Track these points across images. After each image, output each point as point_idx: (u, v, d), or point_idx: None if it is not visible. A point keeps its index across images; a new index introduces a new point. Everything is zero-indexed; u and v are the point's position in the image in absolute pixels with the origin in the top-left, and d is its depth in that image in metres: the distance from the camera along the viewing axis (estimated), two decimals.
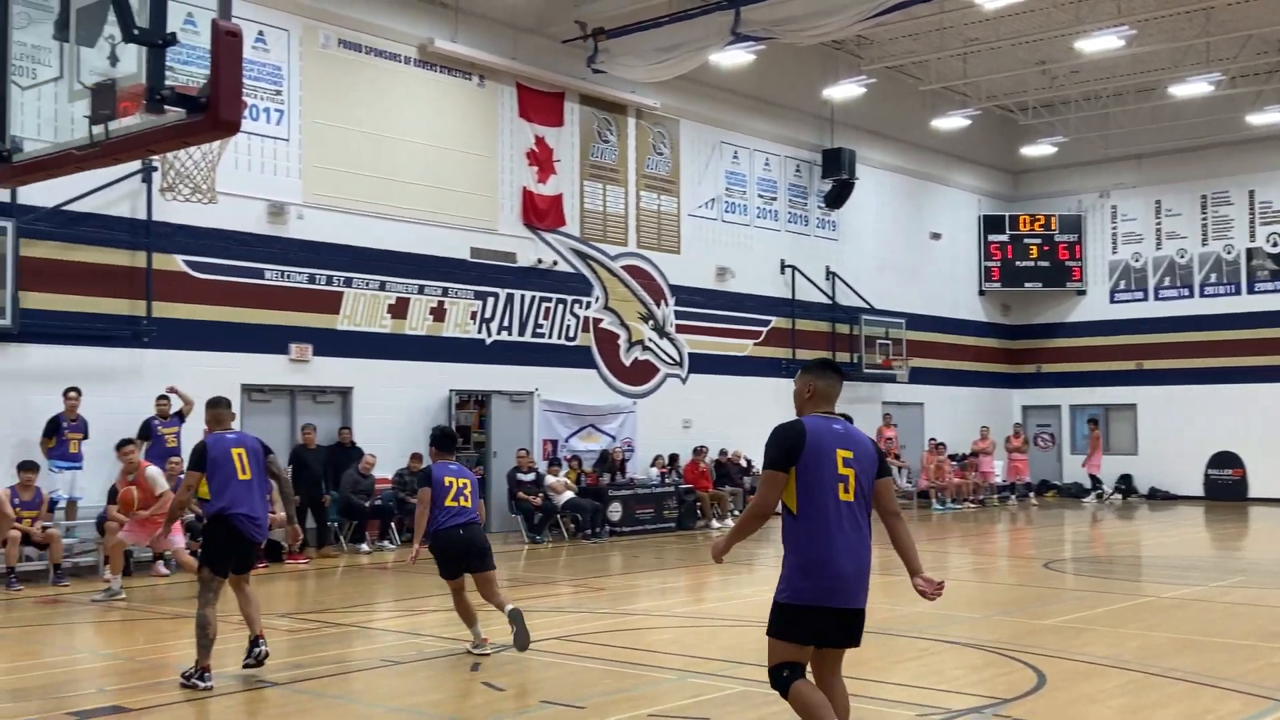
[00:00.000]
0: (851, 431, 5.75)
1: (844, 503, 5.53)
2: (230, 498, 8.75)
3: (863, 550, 5.60)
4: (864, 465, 5.62)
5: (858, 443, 5.69)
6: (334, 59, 18.86)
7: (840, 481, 5.53)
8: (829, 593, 5.51)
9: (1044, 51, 26.22)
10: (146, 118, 5.34)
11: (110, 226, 16.31)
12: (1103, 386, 31.76)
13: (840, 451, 5.57)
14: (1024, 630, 10.80)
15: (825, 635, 5.59)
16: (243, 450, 8.89)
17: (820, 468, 5.52)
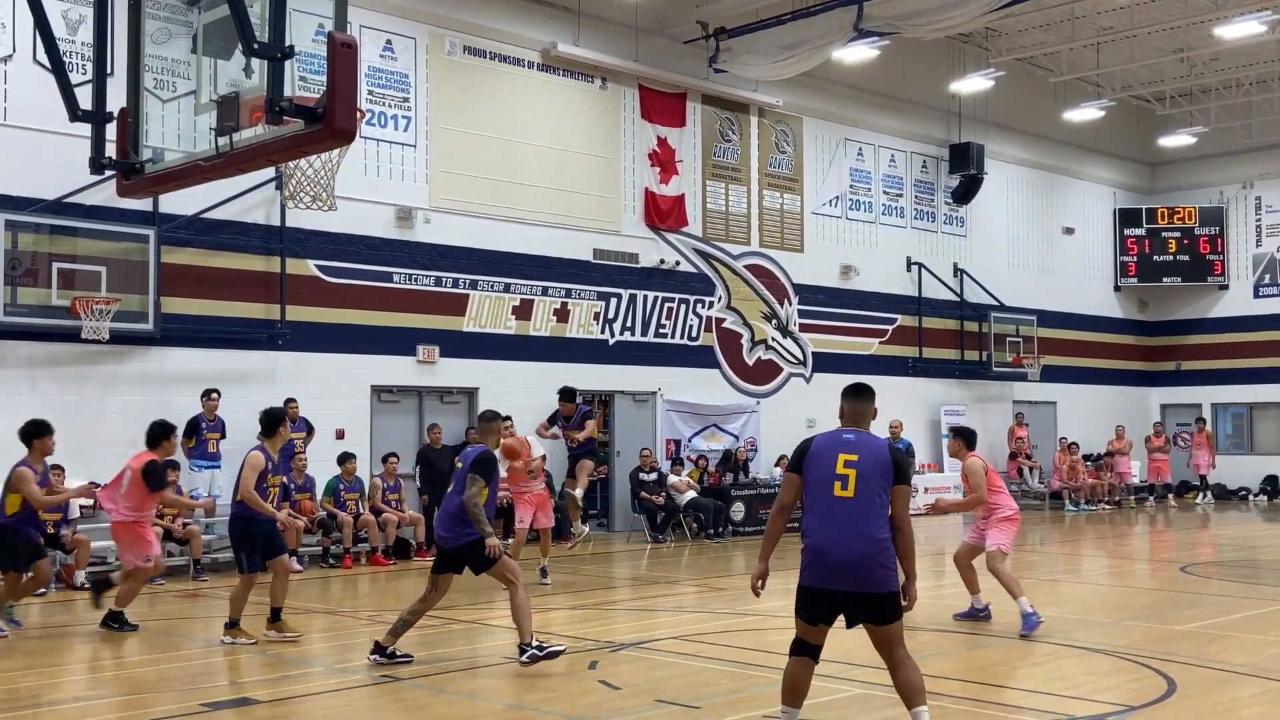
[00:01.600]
0: (863, 439, 6.47)
1: (839, 498, 6.32)
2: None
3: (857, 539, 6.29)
4: (867, 467, 6.29)
5: (867, 448, 6.40)
6: (459, 65, 19.22)
7: (838, 480, 6.30)
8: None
9: (1181, 39, 25.31)
10: (267, 129, 5.53)
11: (246, 233, 16.90)
12: (1246, 384, 30.50)
13: (843, 455, 6.35)
14: (1156, 636, 10.45)
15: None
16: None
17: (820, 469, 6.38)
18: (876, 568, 6.21)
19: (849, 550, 6.20)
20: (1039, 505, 27.00)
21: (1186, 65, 27.19)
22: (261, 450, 10.51)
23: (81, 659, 10.26)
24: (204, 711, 7.85)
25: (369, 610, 12.56)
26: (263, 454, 10.47)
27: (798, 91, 23.81)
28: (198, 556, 14.81)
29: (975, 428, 29.46)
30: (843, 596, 6.26)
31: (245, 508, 10.30)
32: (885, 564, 6.25)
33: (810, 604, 6.35)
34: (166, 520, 14.69)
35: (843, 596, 6.26)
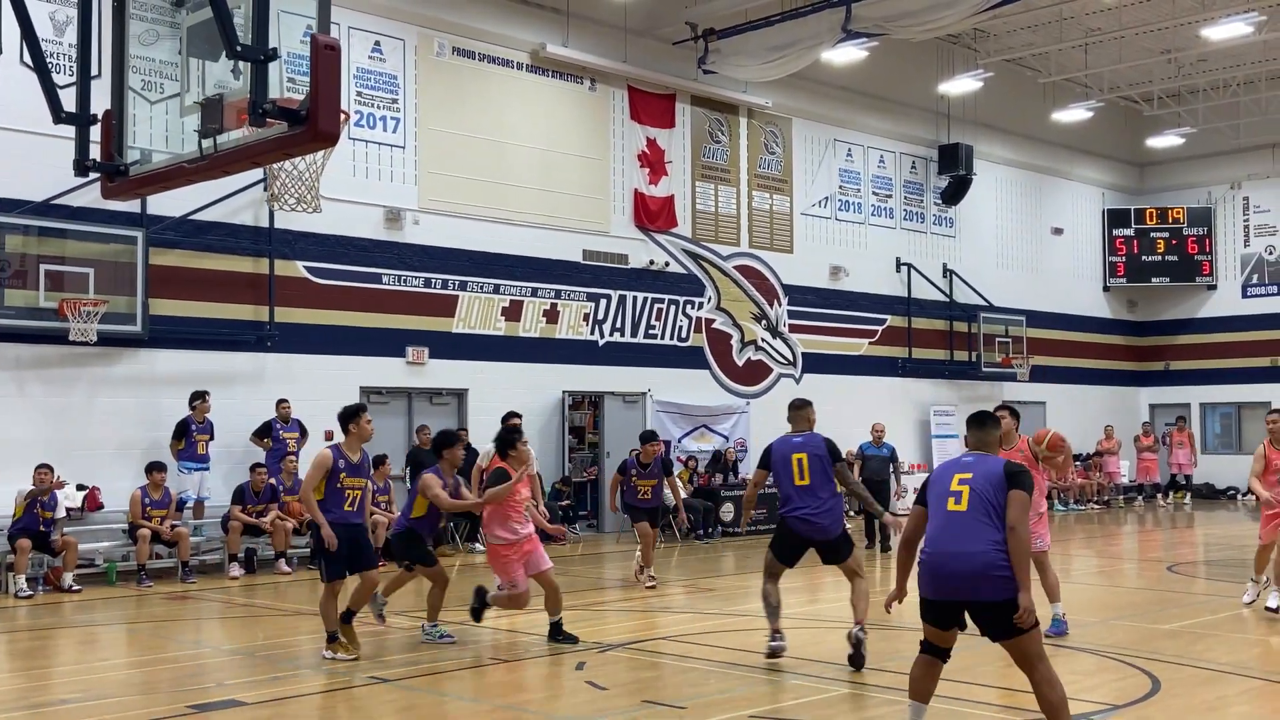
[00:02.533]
0: (980, 459, 6.62)
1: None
2: (783, 498, 9.43)
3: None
4: (980, 483, 6.41)
5: (981, 464, 6.57)
6: (448, 66, 19.23)
7: (951, 496, 6.49)
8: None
9: (1169, 40, 25.40)
10: (251, 131, 5.53)
11: (235, 234, 16.89)
12: (1235, 384, 30.62)
13: (958, 474, 6.55)
14: (1142, 635, 10.50)
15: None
16: (803, 455, 9.28)
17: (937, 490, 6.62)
18: (991, 578, 6.21)
19: (968, 562, 6.26)
20: None
21: (1174, 66, 27.28)
22: (334, 449, 9.82)
23: (68, 661, 10.25)
24: (191, 714, 7.85)
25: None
26: (333, 453, 9.75)
27: (787, 92, 23.85)
28: (186, 558, 14.79)
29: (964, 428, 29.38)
30: (965, 606, 6.37)
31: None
32: (1002, 573, 6.21)
33: (930, 612, 6.49)
34: (154, 522, 14.68)
35: (965, 606, 6.37)
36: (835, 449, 9.33)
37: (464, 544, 18.27)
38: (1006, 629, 6.21)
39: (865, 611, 9.16)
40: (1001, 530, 6.23)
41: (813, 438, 9.41)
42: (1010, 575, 6.16)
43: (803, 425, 9.58)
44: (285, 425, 16.49)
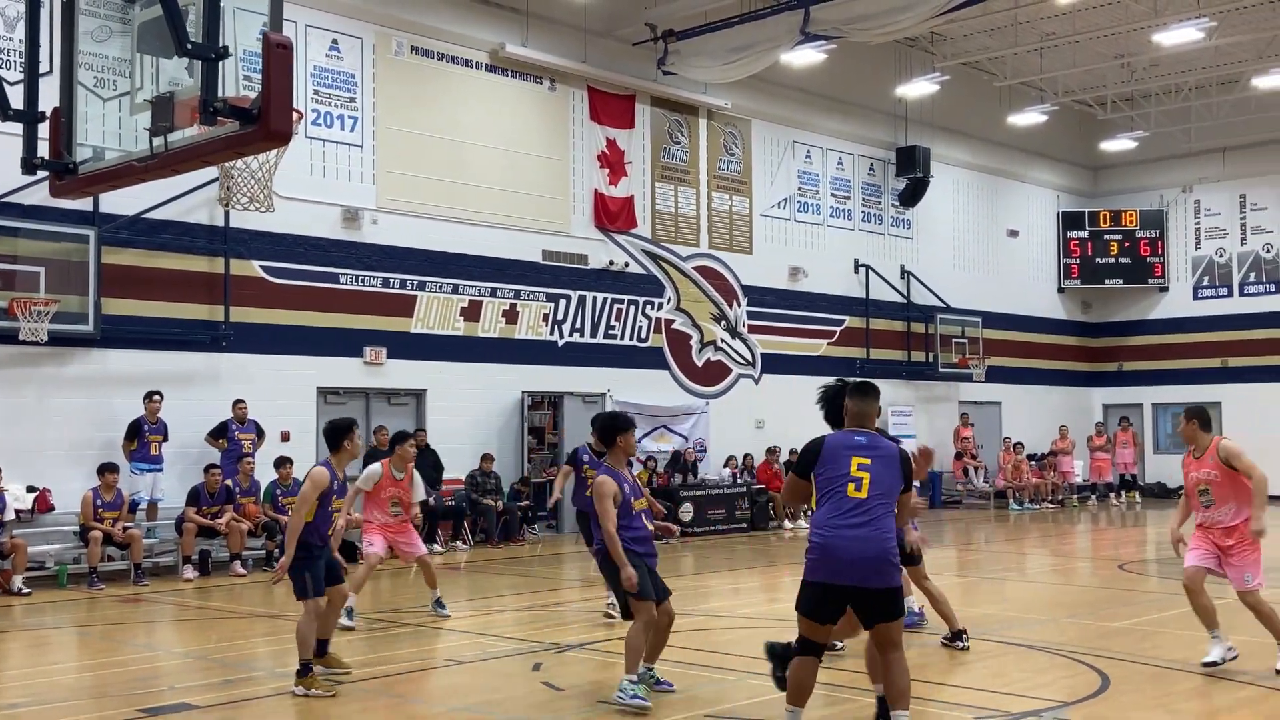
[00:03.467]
0: (875, 441, 6.70)
1: (853, 499, 6.78)
2: None
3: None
4: (881, 471, 6.58)
5: (881, 450, 6.68)
6: (407, 65, 19.14)
7: (852, 481, 6.57)
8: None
9: (1122, 45, 25.72)
10: (203, 129, 5.49)
11: (189, 233, 16.73)
12: (1186, 384, 31.00)
13: (856, 458, 6.62)
14: (1093, 633, 10.62)
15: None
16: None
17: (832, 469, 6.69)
18: (886, 564, 6.45)
19: (865, 548, 6.41)
20: (984, 505, 27.31)
21: (1127, 71, 27.62)
22: (328, 467, 9.12)
23: (17, 665, 10.11)
24: (142, 717, 7.76)
25: None
26: (329, 472, 9.06)
27: (746, 94, 23.93)
28: (139, 561, 14.63)
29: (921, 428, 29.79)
30: (850, 592, 6.47)
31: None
32: (894, 560, 6.50)
33: (818, 601, 6.54)
34: (106, 524, 14.51)
35: (850, 592, 6.47)
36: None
37: (448, 544, 18.17)
38: (885, 614, 6.48)
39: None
40: (892, 519, 6.55)
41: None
42: (897, 564, 6.53)
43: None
44: (241, 426, 16.36)
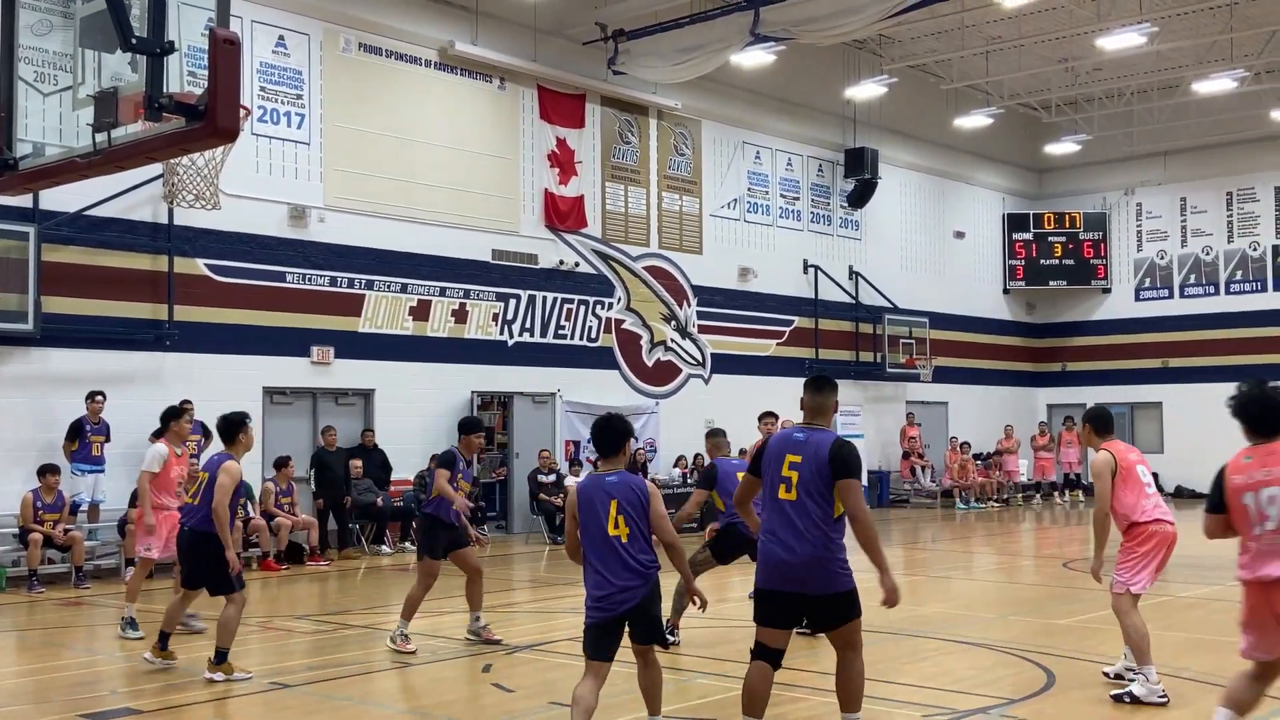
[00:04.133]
0: (812, 438, 6.47)
1: (784, 500, 6.37)
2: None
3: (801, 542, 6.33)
4: (807, 470, 6.34)
5: (812, 447, 6.41)
6: (355, 63, 18.99)
7: (782, 482, 6.38)
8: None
9: (1066, 49, 26.07)
10: (147, 125, 5.40)
11: (132, 231, 16.48)
12: (1128, 385, 31.53)
13: (789, 456, 6.40)
14: (1038, 630, 10.75)
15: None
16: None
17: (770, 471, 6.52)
18: (822, 568, 6.20)
19: (795, 553, 6.20)
20: (931, 504, 27.58)
21: (1071, 75, 28.00)
22: (233, 459, 9.05)
23: None
24: None
25: (258, 617, 12.33)
26: (238, 465, 9.04)
27: (696, 94, 23.98)
28: (80, 563, 14.40)
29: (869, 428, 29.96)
30: (795, 599, 6.30)
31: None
32: (832, 565, 6.21)
33: (767, 607, 6.39)
34: (47, 526, 14.26)
35: (795, 599, 6.30)
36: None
37: (370, 547, 18.06)
38: (833, 620, 6.32)
39: None
40: (828, 520, 6.18)
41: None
42: (838, 570, 6.19)
43: (724, 451, 10.40)
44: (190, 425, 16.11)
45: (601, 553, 6.43)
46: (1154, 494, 8.39)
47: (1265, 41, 24.94)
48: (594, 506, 6.45)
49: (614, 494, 6.44)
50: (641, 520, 6.44)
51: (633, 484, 6.50)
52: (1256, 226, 30.17)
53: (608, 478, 6.56)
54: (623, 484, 6.49)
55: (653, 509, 6.49)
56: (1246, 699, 5.83)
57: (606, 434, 6.74)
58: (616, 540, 6.39)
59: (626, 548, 6.39)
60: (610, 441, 6.73)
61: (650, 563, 6.47)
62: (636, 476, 6.67)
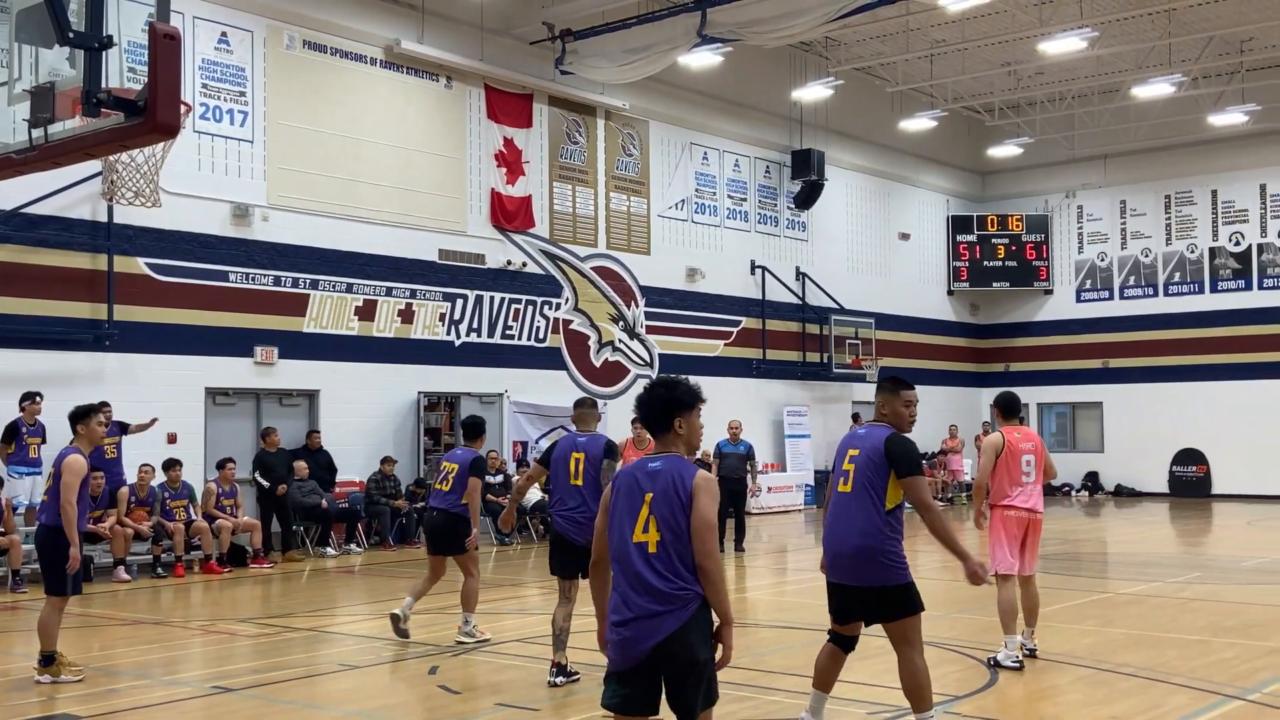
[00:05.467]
0: (871, 432, 6.76)
1: (840, 494, 6.70)
2: (555, 498, 9.11)
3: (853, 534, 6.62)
4: (863, 461, 6.70)
5: (869, 440, 6.72)
6: (299, 60, 18.80)
7: (841, 476, 6.67)
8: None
9: (1009, 53, 26.39)
10: (86, 121, 5.32)
11: (70, 229, 16.20)
12: (1069, 385, 32.01)
13: (850, 450, 6.67)
14: (981, 627, 10.85)
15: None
16: (582, 455, 8.90)
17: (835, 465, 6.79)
18: (871, 563, 6.45)
19: (846, 545, 6.52)
20: None
21: (1014, 78, 28.35)
22: (79, 452, 9.07)
23: None
24: None
25: (200, 620, 12.19)
26: (83, 457, 9.08)
27: (644, 95, 24.01)
28: (17, 567, 14.14)
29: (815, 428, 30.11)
30: (849, 591, 6.56)
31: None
32: (882, 559, 6.45)
33: (830, 597, 6.72)
34: None
35: (849, 591, 6.56)
36: (612, 449, 8.92)
37: (314, 548, 17.89)
38: (885, 614, 6.52)
39: None
40: (880, 512, 6.44)
41: (595, 439, 9.02)
42: (890, 562, 6.42)
43: (590, 425, 9.24)
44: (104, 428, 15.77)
45: (621, 564, 4.88)
46: (1029, 483, 9.25)
47: (1202, 47, 25.42)
48: (625, 500, 4.94)
49: (650, 486, 4.88)
50: (680, 525, 4.81)
51: (678, 475, 4.87)
52: (1194, 229, 30.72)
53: (650, 464, 4.96)
54: (667, 474, 4.88)
55: (694, 511, 4.81)
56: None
57: (649, 405, 5.08)
58: (641, 549, 4.82)
59: (653, 560, 4.79)
60: (654, 415, 5.06)
61: (684, 585, 4.77)
62: (688, 465, 4.95)
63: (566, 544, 8.92)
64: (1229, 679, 8.52)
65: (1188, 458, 30.27)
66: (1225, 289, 30.19)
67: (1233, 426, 29.25)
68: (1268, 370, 29.10)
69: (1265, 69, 27.31)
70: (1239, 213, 30.08)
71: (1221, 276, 30.27)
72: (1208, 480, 29.99)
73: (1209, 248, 30.48)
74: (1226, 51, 26.03)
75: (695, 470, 4.89)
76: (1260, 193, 29.80)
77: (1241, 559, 17.25)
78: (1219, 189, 30.29)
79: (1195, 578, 14.95)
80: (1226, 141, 29.43)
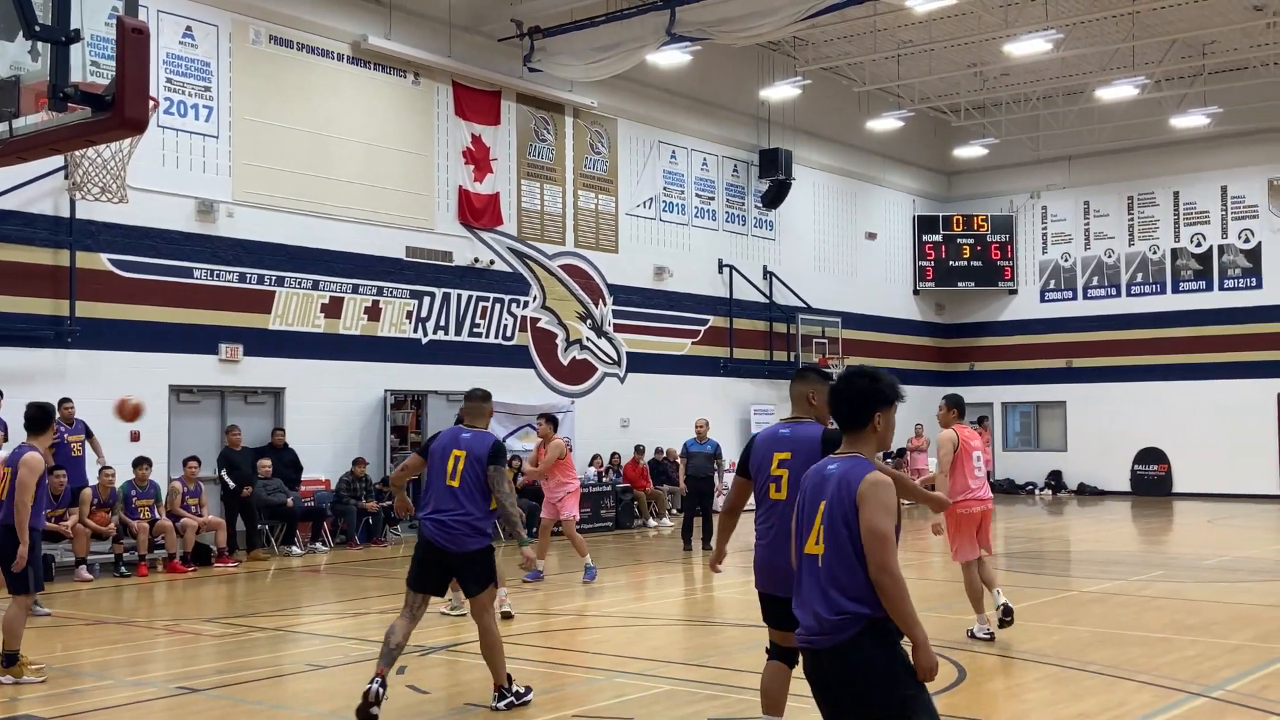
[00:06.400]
0: (798, 431, 6.26)
1: (775, 501, 6.19)
2: (427, 499, 7.92)
3: None
4: (799, 465, 5.84)
5: (802, 442, 6.15)
6: (265, 55, 18.65)
7: (772, 481, 6.17)
8: None
9: (975, 54, 26.56)
10: (52, 116, 5.24)
11: (31, 224, 16.00)
12: (1033, 384, 32.28)
13: (777, 454, 6.23)
14: (946, 625, 10.90)
15: None
16: (463, 453, 7.91)
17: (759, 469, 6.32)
18: None
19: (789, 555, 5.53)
20: None
21: (980, 79, 28.54)
22: (35, 449, 8.91)
23: None
24: None
25: (164, 619, 12.07)
26: (39, 454, 8.91)
27: (612, 93, 23.99)
28: None
29: None
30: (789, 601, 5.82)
31: None
32: None
33: (767, 609, 6.35)
34: None
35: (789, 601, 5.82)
36: (500, 452, 7.97)
37: (280, 547, 17.76)
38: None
39: (501, 672, 7.77)
40: None
41: (482, 437, 8.12)
42: None
43: (480, 421, 8.35)
44: (69, 428, 15.58)
45: (799, 574, 4.61)
46: (980, 476, 10.08)
47: (1166, 49, 25.68)
48: (809, 504, 4.57)
49: (824, 493, 4.52)
50: (840, 536, 4.42)
51: (848, 479, 4.45)
52: (1156, 230, 31.04)
53: (830, 465, 4.59)
54: (840, 477, 4.49)
55: (861, 521, 4.38)
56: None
57: (848, 396, 4.65)
58: (811, 562, 4.51)
59: (819, 575, 4.47)
60: (851, 407, 4.64)
61: (843, 607, 4.40)
62: (863, 468, 4.48)
63: (437, 552, 7.74)
64: (1192, 676, 8.61)
65: (1149, 457, 30.59)
66: (1186, 290, 30.53)
67: (1194, 426, 29.58)
68: (1228, 370, 29.45)
69: (1226, 72, 27.63)
70: (1200, 214, 30.41)
71: (1183, 277, 30.61)
72: (1169, 479, 30.31)
73: (1171, 249, 30.81)
74: (1189, 54, 26.32)
75: (865, 474, 4.43)
76: (1221, 194, 30.16)
77: (1203, 557, 17.45)
78: (1180, 190, 30.63)
79: (1158, 576, 15.10)
80: (1188, 143, 29.75)
